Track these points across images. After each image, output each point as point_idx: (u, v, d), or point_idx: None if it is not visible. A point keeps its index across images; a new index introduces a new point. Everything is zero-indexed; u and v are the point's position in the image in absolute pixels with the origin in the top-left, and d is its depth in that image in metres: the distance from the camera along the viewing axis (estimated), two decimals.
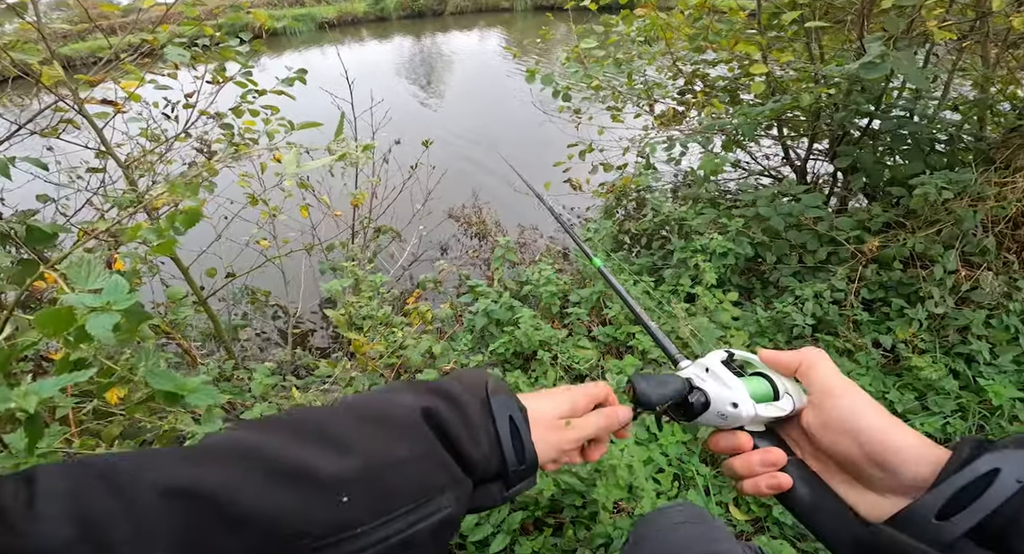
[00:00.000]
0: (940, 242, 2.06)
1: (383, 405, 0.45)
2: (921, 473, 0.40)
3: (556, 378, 1.95)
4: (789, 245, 2.32)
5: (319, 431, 0.40)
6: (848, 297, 2.12)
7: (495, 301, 2.34)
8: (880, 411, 0.44)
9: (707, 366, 0.52)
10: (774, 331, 2.13)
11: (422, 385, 0.49)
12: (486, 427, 0.47)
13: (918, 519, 0.37)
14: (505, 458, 0.47)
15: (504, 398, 0.49)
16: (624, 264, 2.54)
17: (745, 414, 0.47)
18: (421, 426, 0.43)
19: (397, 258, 3.55)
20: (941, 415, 1.79)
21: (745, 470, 0.48)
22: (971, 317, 1.98)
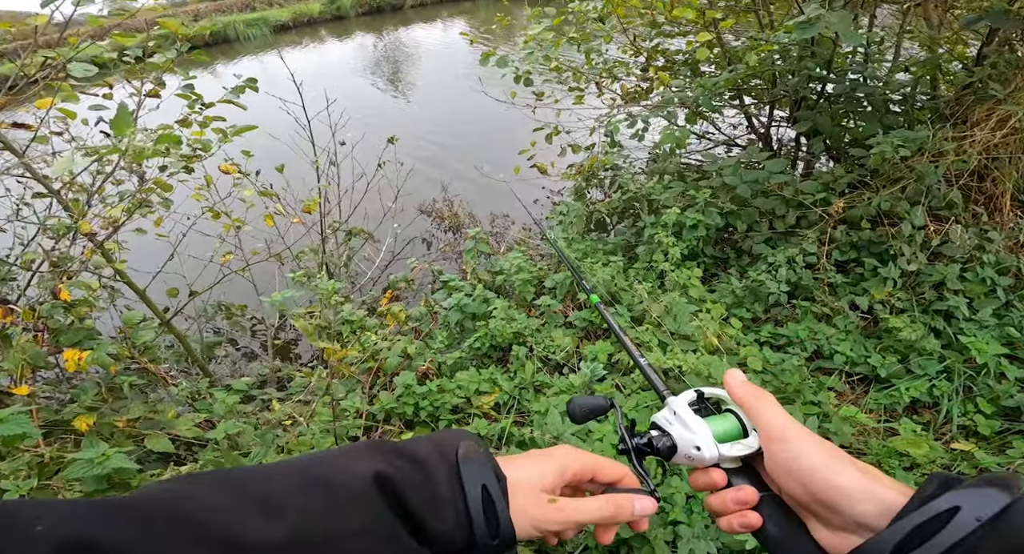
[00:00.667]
0: (906, 199, 2.01)
1: (332, 468, 0.39)
2: (868, 511, 0.38)
3: (533, 370, 1.88)
4: (759, 212, 2.25)
5: (259, 493, 0.35)
6: (820, 260, 2.07)
7: (469, 295, 2.25)
8: (822, 451, 0.42)
9: (674, 409, 0.51)
10: (751, 301, 2.07)
11: (385, 445, 0.43)
12: (453, 497, 0.41)
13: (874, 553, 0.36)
14: (475, 532, 0.41)
15: (477, 466, 0.43)
16: (599, 244, 2.47)
17: (708, 456, 0.47)
18: (371, 494, 0.38)
19: (373, 259, 3.45)
20: (926, 378, 1.73)
21: (719, 508, 0.46)
22: (944, 272, 1.92)
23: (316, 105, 3.09)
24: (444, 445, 0.44)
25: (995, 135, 1.97)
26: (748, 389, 0.48)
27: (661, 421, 0.51)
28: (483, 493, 0.41)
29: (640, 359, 0.62)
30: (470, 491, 0.41)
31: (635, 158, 3.00)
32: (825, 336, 1.84)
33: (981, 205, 2.10)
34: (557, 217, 2.44)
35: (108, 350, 1.85)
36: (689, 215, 2.20)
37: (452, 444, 0.44)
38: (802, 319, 1.97)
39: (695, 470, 0.49)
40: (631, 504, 0.46)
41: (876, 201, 2.00)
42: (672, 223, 2.19)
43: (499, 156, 3.00)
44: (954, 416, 1.65)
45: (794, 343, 1.89)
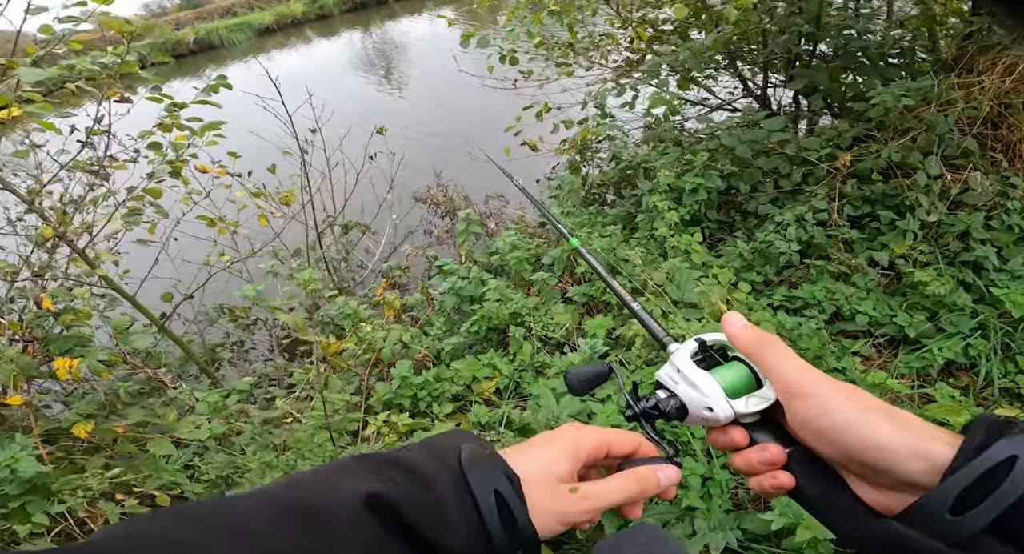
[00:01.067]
0: (917, 150, 1.85)
1: (316, 491, 0.33)
2: (915, 469, 0.33)
3: (532, 351, 1.77)
4: (761, 172, 2.10)
5: (229, 527, 0.30)
6: (832, 216, 1.90)
7: (464, 277, 2.14)
8: (852, 403, 0.36)
9: (677, 365, 0.44)
10: (761, 263, 1.91)
11: (376, 458, 0.37)
12: (463, 509, 0.35)
13: (930, 515, 0.32)
14: (493, 542, 0.35)
15: (485, 469, 0.38)
16: (598, 216, 2.33)
17: (723, 416, 0.41)
18: (363, 519, 0.33)
19: (373, 251, 3.36)
20: (960, 336, 1.56)
21: (746, 468, 0.42)
22: (968, 221, 1.75)
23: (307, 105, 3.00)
24: (444, 451, 0.38)
25: (1005, 82, 1.83)
26: (751, 336, 0.42)
27: (665, 380, 0.45)
28: (497, 499, 0.36)
29: (633, 304, 0.54)
30: (482, 500, 0.36)
31: (631, 128, 2.85)
32: (844, 296, 1.68)
33: (999, 152, 1.94)
34: (553, 192, 2.31)
35: (99, 357, 1.80)
36: (688, 179, 2.05)
37: (452, 449, 0.38)
38: (818, 279, 1.81)
39: (712, 429, 0.44)
40: (655, 476, 0.42)
41: (886, 152, 1.84)
42: (667, 187, 2.04)
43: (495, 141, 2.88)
44: (994, 378, 1.49)
45: (811, 305, 1.73)
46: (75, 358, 1.79)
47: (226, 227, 2.71)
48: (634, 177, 2.26)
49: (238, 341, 2.85)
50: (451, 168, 3.53)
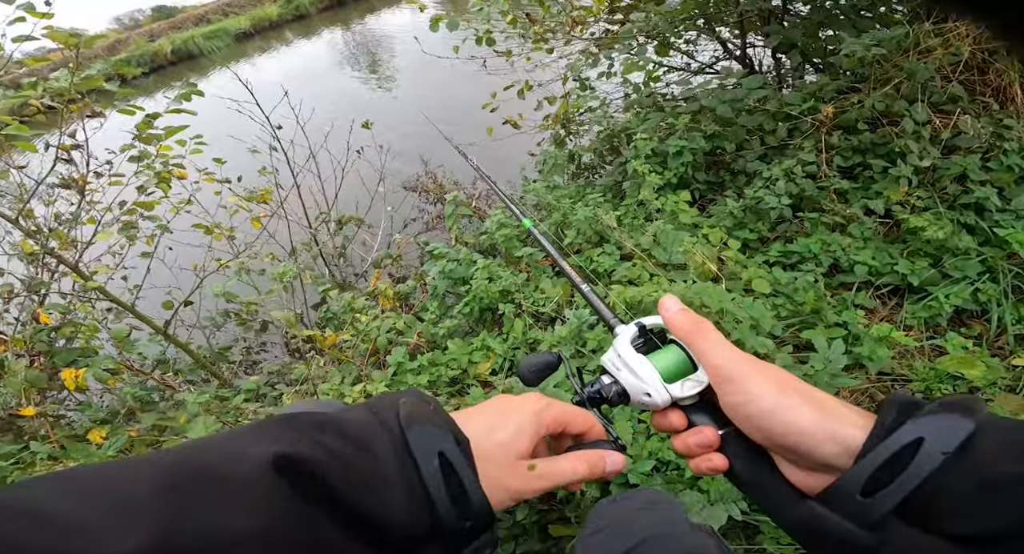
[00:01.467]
0: (902, 98, 1.78)
1: (217, 455, 0.28)
2: (831, 452, 0.34)
3: (524, 328, 1.72)
4: (746, 130, 2.01)
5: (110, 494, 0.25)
6: (821, 168, 1.81)
7: (454, 260, 2.10)
8: (772, 388, 0.36)
9: (618, 350, 0.44)
10: (753, 220, 1.83)
11: (306, 419, 0.31)
12: (401, 473, 0.31)
13: (843, 496, 0.33)
14: (439, 513, 0.31)
15: (428, 428, 0.33)
16: (586, 189, 2.26)
17: (660, 401, 0.42)
18: (269, 484, 0.27)
19: (371, 245, 3.34)
20: (967, 281, 1.47)
21: (684, 451, 0.42)
22: (964, 163, 1.65)
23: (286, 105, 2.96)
24: (383, 410, 0.34)
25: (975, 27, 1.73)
26: (683, 320, 0.42)
27: (608, 365, 0.45)
28: (441, 462, 0.32)
29: (582, 286, 0.54)
30: (423, 462, 0.31)
31: (613, 99, 2.75)
32: (840, 247, 1.60)
33: (990, 97, 1.85)
34: (538, 166, 2.24)
35: (104, 366, 1.82)
36: (671, 142, 1.97)
37: (391, 406, 0.34)
38: (812, 232, 1.73)
39: (654, 413, 0.44)
40: (603, 461, 0.41)
41: (869, 102, 1.77)
42: (650, 151, 1.96)
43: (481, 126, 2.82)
44: (1008, 324, 1.40)
45: (807, 259, 1.65)
46: (80, 369, 1.82)
47: (222, 233, 2.71)
48: (619, 145, 2.18)
49: (252, 344, 2.87)
50: (440, 155, 3.47)
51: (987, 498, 0.28)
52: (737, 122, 1.97)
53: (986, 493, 0.28)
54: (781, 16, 2.17)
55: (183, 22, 19.70)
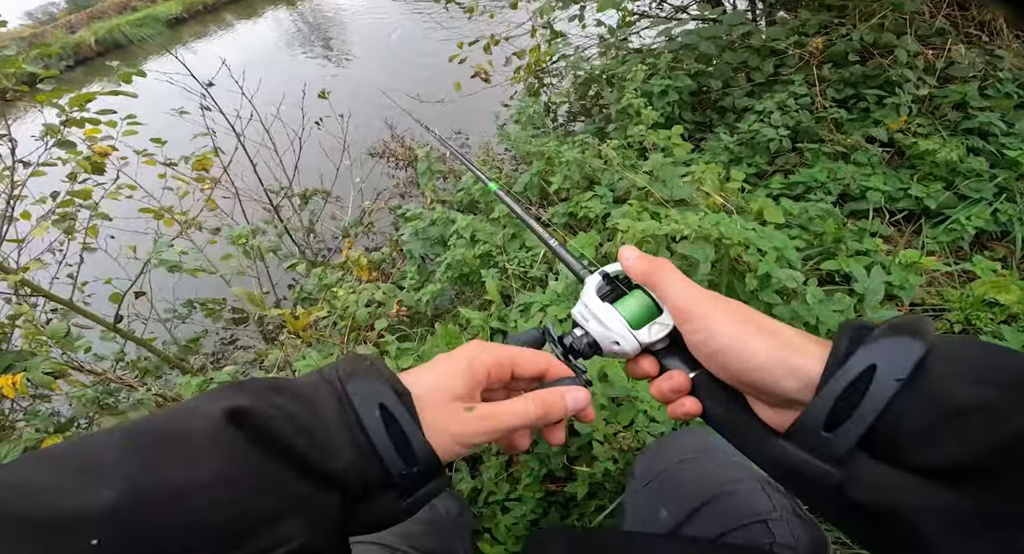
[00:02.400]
0: (889, 31, 1.67)
1: (173, 416, 0.28)
2: (791, 387, 0.31)
3: (511, 291, 1.53)
4: (731, 68, 1.84)
5: (77, 461, 0.25)
6: (816, 100, 1.65)
7: (433, 221, 1.88)
8: (731, 321, 0.34)
9: (584, 301, 0.42)
10: (751, 154, 1.66)
11: (257, 383, 0.31)
12: (344, 424, 0.31)
13: (808, 432, 0.30)
14: (384, 461, 0.31)
15: (368, 383, 0.32)
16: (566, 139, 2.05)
17: (630, 349, 0.39)
18: (222, 432, 0.27)
19: (341, 218, 3.07)
20: (985, 203, 1.34)
21: (660, 397, 0.39)
22: (963, 90, 1.53)
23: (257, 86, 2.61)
24: (327, 371, 0.33)
25: None
26: (642, 265, 0.39)
27: (578, 317, 0.43)
28: (382, 414, 0.31)
29: (550, 240, 0.51)
30: (364, 414, 0.31)
31: (584, 47, 2.51)
32: (849, 175, 1.45)
33: (974, 29, 1.76)
34: (513, 118, 2.01)
35: (44, 368, 1.56)
36: (655, 82, 1.77)
37: (334, 366, 0.34)
38: (814, 162, 1.57)
39: (628, 361, 0.41)
40: (562, 399, 0.37)
41: (857, 34, 1.66)
42: (633, 90, 1.76)
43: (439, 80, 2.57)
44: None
45: (813, 188, 1.50)
46: (17, 373, 1.55)
47: (172, 218, 2.41)
48: (599, 90, 1.97)
49: (225, 335, 2.61)
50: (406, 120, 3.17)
51: (950, 426, 0.26)
52: (721, 59, 1.79)
53: (948, 421, 0.26)
54: None
55: (104, 11, 17.85)
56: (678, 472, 0.63)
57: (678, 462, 0.65)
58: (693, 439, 0.69)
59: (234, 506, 0.26)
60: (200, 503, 0.25)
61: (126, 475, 0.24)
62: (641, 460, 0.71)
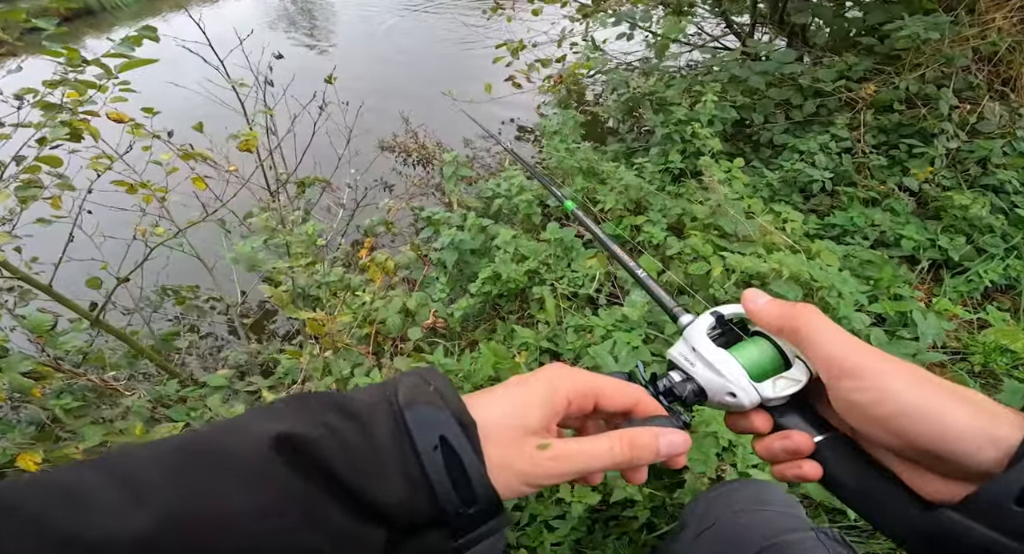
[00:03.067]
0: (930, 83, 1.77)
1: (224, 434, 0.27)
2: (988, 458, 0.28)
3: (559, 312, 1.50)
4: (774, 103, 1.91)
5: (122, 475, 0.25)
6: (858, 144, 1.76)
7: (461, 227, 1.81)
8: (914, 385, 0.30)
9: (692, 344, 0.37)
10: (788, 192, 1.74)
11: (318, 398, 0.29)
12: (400, 455, 0.28)
13: (992, 503, 0.27)
14: (438, 498, 0.27)
15: (429, 411, 0.29)
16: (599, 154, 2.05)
17: (748, 403, 0.35)
18: (268, 460, 0.26)
19: (335, 211, 2.89)
20: (999, 259, 1.47)
21: (767, 456, 0.35)
22: (989, 146, 1.66)
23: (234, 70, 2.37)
24: (389, 387, 0.30)
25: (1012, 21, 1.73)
26: (778, 309, 0.35)
27: (679, 360, 0.38)
28: (442, 447, 0.28)
29: (638, 271, 0.47)
30: (423, 446, 0.28)
31: (619, 62, 2.53)
32: (888, 221, 1.55)
33: (1003, 86, 1.88)
34: (551, 128, 1.98)
35: (22, 368, 1.33)
36: (701, 111, 1.81)
37: (395, 386, 0.31)
38: (848, 206, 1.67)
39: (731, 413, 0.37)
40: (655, 441, 0.32)
41: (904, 84, 1.74)
42: (680, 118, 1.79)
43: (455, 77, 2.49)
44: None
45: (851, 232, 1.59)
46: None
47: (152, 194, 2.16)
48: (638, 110, 1.98)
49: (193, 327, 2.38)
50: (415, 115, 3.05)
51: None
52: (767, 94, 1.85)
53: None
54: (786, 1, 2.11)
55: None
56: (734, 521, 0.62)
57: (733, 513, 0.64)
58: (748, 491, 0.68)
59: (276, 536, 0.25)
60: (243, 531, 0.24)
61: (164, 500, 0.24)
62: (692, 508, 0.70)
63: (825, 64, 1.84)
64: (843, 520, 1.02)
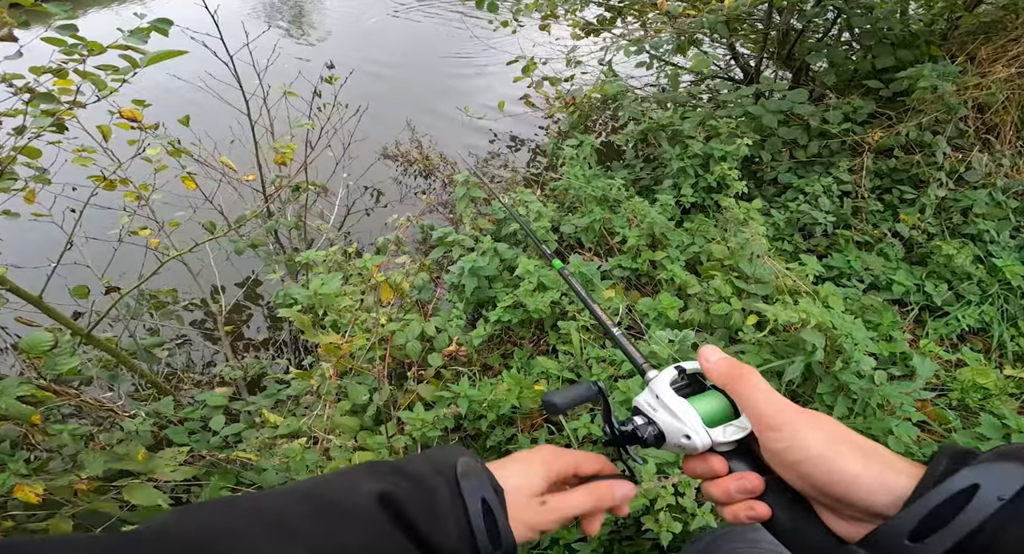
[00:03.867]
0: (926, 129, 1.89)
1: (336, 489, 0.38)
2: (881, 502, 0.33)
3: (581, 344, 1.54)
4: (782, 142, 2.02)
5: (273, 519, 0.35)
6: (860, 188, 1.89)
7: (473, 248, 1.82)
8: (821, 437, 0.36)
9: (656, 392, 0.43)
10: (790, 232, 1.86)
11: (385, 465, 0.42)
12: (456, 513, 0.39)
13: (890, 540, 0.31)
14: (479, 547, 0.39)
15: (476, 481, 0.41)
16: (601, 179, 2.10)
17: (700, 444, 0.40)
18: (377, 513, 0.37)
19: (327, 216, 2.81)
20: (976, 305, 1.63)
21: (722, 497, 0.40)
22: (974, 196, 1.81)
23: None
24: (442, 464, 0.42)
25: (1010, 70, 1.90)
26: (725, 367, 0.42)
27: (644, 406, 0.45)
28: (483, 507, 0.40)
29: (613, 329, 0.52)
30: (471, 506, 0.40)
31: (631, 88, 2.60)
32: (880, 265, 1.69)
33: (987, 135, 2.02)
34: (568, 152, 2.01)
35: (17, 393, 1.22)
36: (715, 146, 1.90)
37: (450, 462, 0.42)
38: (844, 249, 1.80)
39: (689, 457, 0.43)
40: (611, 491, 0.46)
41: (905, 130, 1.87)
42: (696, 153, 1.88)
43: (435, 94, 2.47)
44: (1006, 341, 1.59)
45: (846, 275, 1.72)
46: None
47: (136, 191, 2.02)
48: (655, 140, 2.05)
49: (185, 339, 2.26)
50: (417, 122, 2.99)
51: None
52: (776, 133, 1.96)
53: None
54: (824, 35, 2.21)
55: None
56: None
57: (728, 550, 0.72)
58: (739, 531, 0.76)
59: None
60: None
61: (310, 537, 0.34)
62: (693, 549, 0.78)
63: (832, 105, 1.95)
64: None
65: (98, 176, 1.99)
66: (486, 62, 3.72)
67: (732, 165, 1.82)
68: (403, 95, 3.50)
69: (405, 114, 2.99)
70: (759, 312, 1.22)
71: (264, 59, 2.36)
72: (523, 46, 2.73)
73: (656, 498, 1.03)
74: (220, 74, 2.33)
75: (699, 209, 1.98)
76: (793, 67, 2.36)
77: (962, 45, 2.01)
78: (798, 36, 2.32)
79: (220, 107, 2.43)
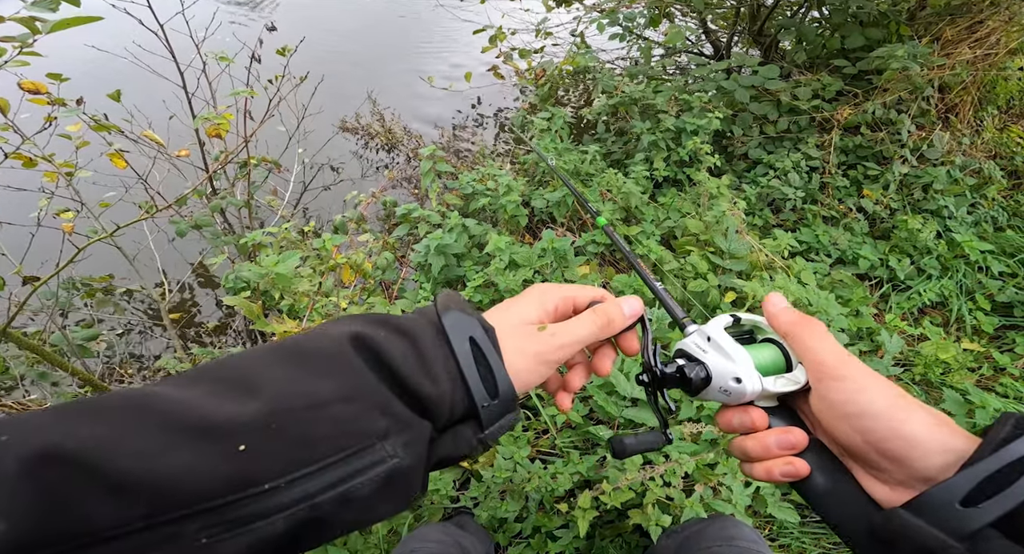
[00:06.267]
0: (891, 107, 1.92)
1: (308, 337, 0.33)
2: (937, 463, 0.32)
3: None
4: (752, 117, 2.01)
5: (232, 375, 0.30)
6: (828, 165, 1.90)
7: (440, 225, 1.73)
8: (888, 392, 0.34)
9: (708, 334, 0.41)
10: (760, 207, 1.86)
11: (368, 316, 0.36)
12: (442, 354, 0.34)
13: (939, 504, 0.30)
14: (471, 391, 0.34)
15: (461, 317, 0.35)
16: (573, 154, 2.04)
17: (750, 389, 0.38)
18: (348, 356, 0.32)
19: (282, 194, 2.64)
20: (936, 280, 1.67)
21: (759, 452, 0.38)
22: (935, 174, 1.86)
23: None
24: (425, 308, 0.38)
25: (975, 52, 1.94)
26: (793, 316, 0.40)
27: (691, 348, 0.42)
28: (472, 347, 0.35)
29: (655, 284, 0.50)
30: (457, 345, 0.34)
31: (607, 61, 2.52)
32: (847, 240, 1.71)
33: (946, 114, 2.09)
34: (540, 125, 1.93)
35: None
36: (687, 120, 1.86)
37: (433, 302, 0.38)
38: (812, 224, 1.82)
39: (726, 408, 0.41)
40: (619, 308, 0.41)
41: (872, 108, 1.89)
42: (668, 127, 1.83)
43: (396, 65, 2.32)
44: (964, 315, 1.64)
45: (814, 249, 1.73)
46: None
47: (57, 172, 1.81)
48: (627, 114, 1.99)
49: (128, 328, 2.08)
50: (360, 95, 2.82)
51: None
52: (748, 108, 1.94)
53: None
54: (795, 12, 2.19)
55: None
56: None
57: (701, 549, 0.70)
58: (714, 528, 0.74)
59: (355, 419, 0.30)
60: (333, 413, 0.29)
61: (271, 387, 0.29)
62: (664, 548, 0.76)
63: (801, 81, 1.94)
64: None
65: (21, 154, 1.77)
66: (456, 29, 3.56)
67: (704, 139, 1.79)
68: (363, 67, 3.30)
69: (365, 86, 2.82)
70: (737, 288, 1.20)
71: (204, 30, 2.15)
72: (491, 17, 2.60)
73: (645, 492, 0.99)
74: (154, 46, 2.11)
75: (671, 183, 1.96)
76: (763, 44, 2.34)
77: (927, 25, 2.04)
78: (769, 12, 2.30)
79: (157, 82, 2.20)
